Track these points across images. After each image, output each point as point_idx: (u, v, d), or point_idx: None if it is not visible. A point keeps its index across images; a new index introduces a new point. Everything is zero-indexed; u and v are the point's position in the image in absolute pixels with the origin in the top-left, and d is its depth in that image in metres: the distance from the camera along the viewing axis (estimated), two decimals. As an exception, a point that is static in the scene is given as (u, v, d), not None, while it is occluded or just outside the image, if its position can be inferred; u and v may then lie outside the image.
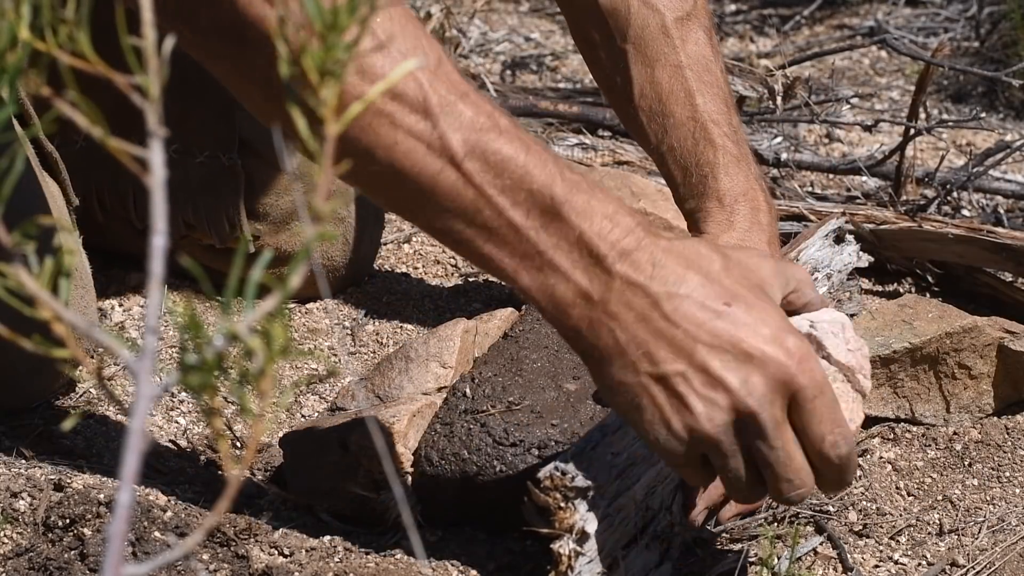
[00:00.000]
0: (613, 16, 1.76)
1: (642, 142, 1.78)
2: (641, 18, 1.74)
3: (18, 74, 0.65)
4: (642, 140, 1.77)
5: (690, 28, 1.75)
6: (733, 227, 1.65)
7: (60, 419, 1.76)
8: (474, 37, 3.47)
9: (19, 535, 1.50)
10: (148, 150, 0.63)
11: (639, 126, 1.76)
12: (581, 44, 1.83)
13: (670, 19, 1.74)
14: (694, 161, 1.69)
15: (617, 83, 1.77)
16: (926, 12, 3.62)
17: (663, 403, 1.30)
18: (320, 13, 0.62)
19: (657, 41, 1.74)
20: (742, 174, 1.68)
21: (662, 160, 1.73)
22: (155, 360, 0.63)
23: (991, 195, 2.63)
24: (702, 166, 1.69)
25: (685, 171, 1.70)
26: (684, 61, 1.73)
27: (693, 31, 1.75)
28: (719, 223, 1.66)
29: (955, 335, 1.80)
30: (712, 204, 1.67)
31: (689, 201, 1.71)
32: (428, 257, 2.30)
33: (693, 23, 1.75)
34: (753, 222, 1.66)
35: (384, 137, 1.28)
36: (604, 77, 1.80)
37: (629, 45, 1.75)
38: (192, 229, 2.09)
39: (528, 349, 1.73)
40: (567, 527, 1.37)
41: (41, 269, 0.65)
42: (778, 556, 1.57)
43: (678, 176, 1.71)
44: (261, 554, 1.50)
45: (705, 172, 1.68)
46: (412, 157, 1.28)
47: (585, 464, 1.41)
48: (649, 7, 1.75)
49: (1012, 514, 1.66)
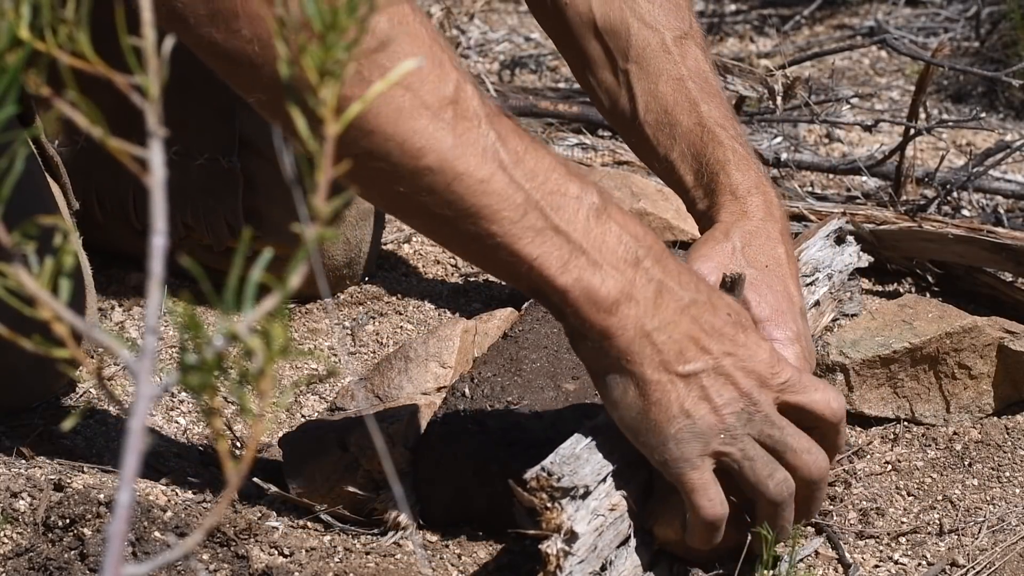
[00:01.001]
0: (613, 38, 1.79)
1: (648, 156, 1.79)
2: (642, 38, 1.78)
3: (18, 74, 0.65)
4: (648, 154, 1.79)
5: (688, 46, 1.79)
6: (747, 216, 1.68)
7: (60, 419, 1.76)
8: (474, 37, 3.47)
9: (19, 535, 1.50)
10: (148, 150, 0.63)
11: (644, 140, 1.78)
12: (578, 70, 1.85)
13: (669, 38, 1.78)
14: (704, 162, 1.72)
15: (620, 102, 1.79)
16: (926, 12, 3.62)
17: (686, 397, 1.40)
18: (320, 13, 0.62)
19: (658, 57, 1.78)
20: (752, 171, 1.71)
21: (671, 169, 1.75)
22: (155, 360, 0.63)
23: (991, 195, 2.63)
24: (712, 165, 1.71)
25: (696, 173, 1.72)
26: (685, 74, 1.77)
27: (691, 49, 1.79)
28: (733, 212, 1.68)
29: (955, 335, 1.80)
30: (726, 197, 1.69)
31: (701, 202, 1.72)
32: (428, 257, 2.30)
33: (690, 42, 1.80)
34: (767, 212, 1.68)
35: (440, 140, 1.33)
36: (603, 99, 1.82)
37: (632, 64, 1.78)
38: (191, 231, 2.09)
39: (527, 349, 1.73)
40: (554, 527, 1.37)
41: (41, 269, 0.65)
42: (778, 557, 1.57)
43: (689, 180, 1.73)
44: (261, 554, 1.50)
45: (716, 170, 1.70)
46: (466, 160, 1.34)
47: (573, 464, 1.40)
48: (649, 27, 1.78)
49: (1012, 514, 1.66)
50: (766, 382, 1.43)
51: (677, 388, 1.40)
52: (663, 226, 2.33)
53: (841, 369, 1.80)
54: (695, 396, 1.40)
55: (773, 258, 1.66)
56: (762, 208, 1.68)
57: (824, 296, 1.92)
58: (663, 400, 1.40)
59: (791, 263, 1.68)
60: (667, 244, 2.11)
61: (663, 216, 2.33)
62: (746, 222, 1.67)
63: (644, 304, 1.39)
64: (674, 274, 1.42)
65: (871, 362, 1.80)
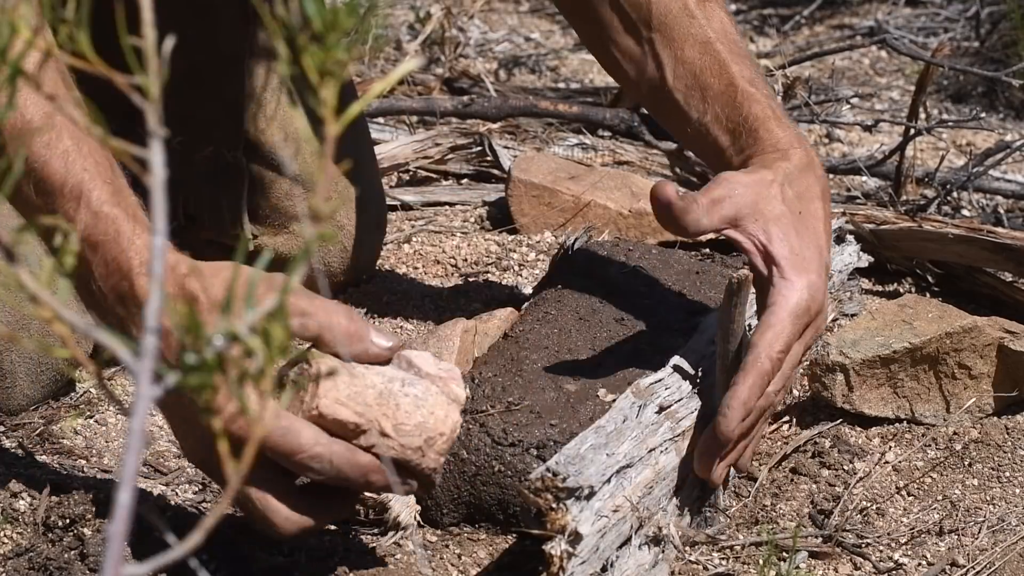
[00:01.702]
0: (634, 7, 1.78)
1: (679, 123, 1.77)
2: (663, 4, 1.77)
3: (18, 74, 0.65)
4: (679, 120, 1.77)
5: (712, 8, 1.78)
6: (789, 159, 1.66)
7: (60, 419, 1.76)
8: (474, 37, 3.47)
9: (19, 535, 1.50)
10: (148, 150, 0.63)
11: (675, 106, 1.76)
12: (597, 45, 1.83)
13: (692, 1, 1.76)
14: (741, 120, 1.70)
15: (646, 71, 1.78)
16: (926, 12, 3.62)
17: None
18: (320, 13, 0.62)
19: (682, 22, 1.76)
20: (791, 128, 1.70)
21: (705, 132, 1.73)
22: (155, 360, 0.63)
23: (991, 195, 2.63)
24: (751, 121, 1.69)
25: (733, 132, 1.71)
26: (712, 36, 1.75)
27: (715, 11, 1.78)
28: (775, 158, 1.66)
29: (955, 335, 1.80)
30: (768, 148, 1.67)
31: (737, 157, 1.70)
32: (428, 257, 2.30)
33: (713, 3, 1.78)
34: (810, 167, 1.67)
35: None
36: (629, 69, 1.80)
37: (655, 33, 1.77)
38: (192, 221, 2.09)
39: (528, 349, 1.73)
40: (559, 528, 1.37)
41: (41, 269, 0.65)
42: (779, 557, 1.57)
43: (725, 141, 1.72)
44: (261, 554, 1.50)
45: (755, 126, 1.69)
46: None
47: (578, 465, 1.40)
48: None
49: (1012, 514, 1.66)
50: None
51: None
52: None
53: (841, 369, 1.80)
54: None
55: (810, 210, 1.64)
56: (806, 161, 1.67)
57: (824, 296, 1.93)
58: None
59: (827, 222, 1.66)
60: (667, 244, 2.11)
61: (663, 216, 2.33)
62: (786, 163, 1.65)
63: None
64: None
65: (871, 362, 1.80)
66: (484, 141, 2.63)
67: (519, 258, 2.28)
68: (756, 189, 1.61)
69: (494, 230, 2.40)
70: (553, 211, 2.36)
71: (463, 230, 2.40)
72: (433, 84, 3.05)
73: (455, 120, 2.81)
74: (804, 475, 1.72)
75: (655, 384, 1.60)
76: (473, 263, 2.28)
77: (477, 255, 2.30)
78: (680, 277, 1.90)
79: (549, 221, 2.36)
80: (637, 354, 1.73)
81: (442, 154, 2.63)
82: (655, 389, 1.59)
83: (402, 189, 2.55)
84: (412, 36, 3.39)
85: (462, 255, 2.31)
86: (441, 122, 2.79)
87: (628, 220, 2.33)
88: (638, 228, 2.32)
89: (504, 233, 2.37)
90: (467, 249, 2.32)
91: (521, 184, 2.37)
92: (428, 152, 2.62)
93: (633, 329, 1.78)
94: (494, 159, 2.60)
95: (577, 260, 1.91)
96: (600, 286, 1.85)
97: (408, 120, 2.82)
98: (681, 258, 1.96)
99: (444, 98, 2.86)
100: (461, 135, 2.66)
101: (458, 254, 2.31)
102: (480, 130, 2.69)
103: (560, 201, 2.36)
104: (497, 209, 2.46)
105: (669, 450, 1.55)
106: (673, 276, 1.90)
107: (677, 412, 1.58)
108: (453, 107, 2.79)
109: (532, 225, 2.36)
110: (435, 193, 2.54)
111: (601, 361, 1.72)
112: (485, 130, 2.71)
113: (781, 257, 1.58)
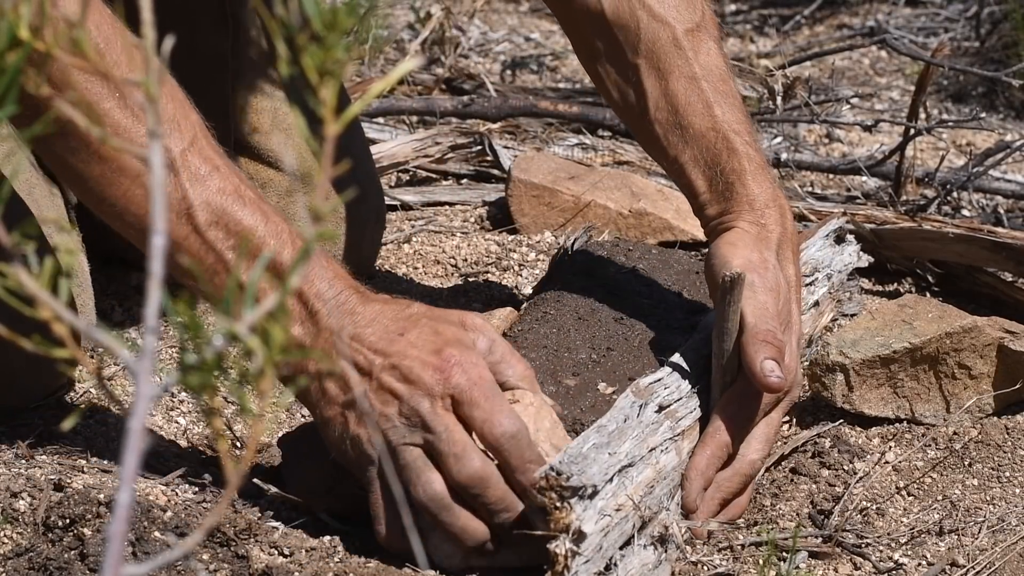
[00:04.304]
0: (623, 31, 1.76)
1: (657, 154, 1.79)
2: (651, 32, 1.75)
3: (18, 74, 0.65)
4: (657, 152, 1.78)
5: (701, 39, 1.75)
6: (766, 228, 1.68)
7: (60, 419, 1.76)
8: (474, 37, 3.47)
9: (19, 535, 1.50)
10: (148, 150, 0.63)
11: (655, 139, 1.76)
12: (586, 58, 1.84)
13: (680, 31, 1.75)
14: (719, 169, 1.71)
15: (629, 97, 1.77)
16: (926, 12, 3.63)
17: (351, 420, 1.49)
18: (320, 13, 0.62)
19: (669, 53, 1.74)
20: (768, 182, 1.71)
21: (681, 171, 1.74)
22: (155, 360, 0.63)
23: (991, 195, 2.63)
24: (728, 173, 1.70)
25: (710, 180, 1.72)
26: (699, 72, 1.73)
27: (704, 42, 1.75)
28: (750, 223, 1.67)
29: (955, 335, 1.80)
30: (743, 207, 1.69)
31: (712, 207, 1.72)
32: (428, 257, 2.30)
33: (703, 34, 1.76)
34: (783, 228, 1.69)
35: (134, 197, 1.47)
36: (612, 91, 1.80)
37: (641, 59, 1.76)
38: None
39: (527, 349, 1.73)
40: (563, 527, 1.37)
41: (41, 269, 0.65)
42: (779, 557, 1.57)
43: (701, 185, 1.72)
44: (261, 554, 1.50)
45: (732, 179, 1.70)
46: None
47: (581, 464, 1.41)
48: (659, 20, 1.75)
49: (1012, 514, 1.66)
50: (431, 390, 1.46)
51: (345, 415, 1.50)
52: (663, 226, 2.33)
53: (841, 369, 1.80)
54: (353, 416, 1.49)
55: (784, 278, 1.67)
56: (779, 224, 1.69)
57: (823, 296, 1.93)
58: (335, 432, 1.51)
59: (798, 286, 1.70)
60: (667, 244, 2.12)
61: (663, 216, 2.33)
62: (762, 232, 1.68)
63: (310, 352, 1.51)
64: (348, 316, 1.50)
65: (871, 362, 1.80)
66: (484, 141, 2.63)
67: (519, 258, 2.28)
68: (754, 264, 1.65)
69: (494, 230, 2.40)
70: (553, 211, 2.36)
71: (463, 230, 2.40)
72: (433, 84, 3.05)
73: (455, 120, 2.81)
74: (804, 475, 1.72)
75: (655, 383, 1.60)
76: (473, 263, 2.28)
77: (477, 255, 2.30)
78: (680, 277, 1.90)
79: (549, 221, 2.36)
80: (636, 353, 1.73)
81: (442, 153, 2.63)
82: (655, 388, 1.59)
83: (402, 189, 2.55)
84: (412, 36, 3.39)
85: (462, 255, 2.31)
86: (441, 122, 2.79)
87: (628, 220, 2.33)
88: (638, 228, 2.32)
89: (504, 233, 2.37)
90: (467, 249, 2.32)
91: (521, 184, 2.37)
92: (428, 151, 2.62)
93: (633, 328, 1.78)
94: (494, 159, 2.60)
95: (577, 260, 1.91)
96: (600, 286, 1.85)
97: (408, 120, 2.82)
98: (681, 258, 1.96)
99: (444, 98, 2.86)
100: (461, 135, 2.66)
101: (458, 254, 2.31)
102: (480, 130, 2.69)
103: (560, 201, 2.36)
104: (497, 209, 2.46)
105: (669, 449, 1.55)
106: (673, 276, 1.90)
107: (677, 411, 1.58)
108: (453, 107, 2.80)
109: (532, 225, 2.36)
110: (435, 193, 2.54)
111: (600, 360, 1.72)
112: (485, 130, 2.71)
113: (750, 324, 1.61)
